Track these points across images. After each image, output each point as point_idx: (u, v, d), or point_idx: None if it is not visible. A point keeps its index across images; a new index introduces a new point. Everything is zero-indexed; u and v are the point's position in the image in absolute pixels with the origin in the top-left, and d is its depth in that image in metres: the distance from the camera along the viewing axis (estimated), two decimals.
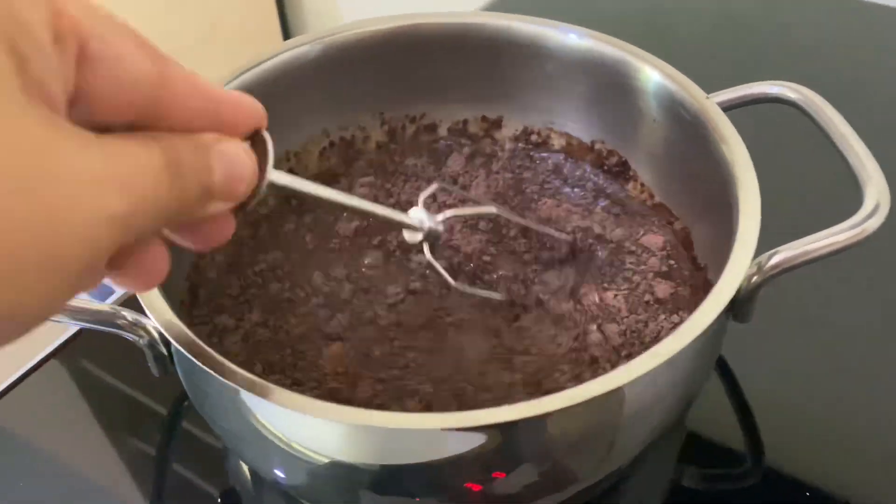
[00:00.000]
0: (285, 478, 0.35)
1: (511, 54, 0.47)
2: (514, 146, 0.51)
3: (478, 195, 0.48)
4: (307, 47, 0.46)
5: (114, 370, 0.48)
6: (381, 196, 0.49)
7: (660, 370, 0.29)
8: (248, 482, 0.43)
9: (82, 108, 0.20)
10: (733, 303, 0.32)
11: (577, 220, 0.46)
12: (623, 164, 0.48)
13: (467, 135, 0.52)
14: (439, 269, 0.37)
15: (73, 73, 0.20)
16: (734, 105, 0.41)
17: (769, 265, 0.34)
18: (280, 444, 0.32)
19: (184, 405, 0.46)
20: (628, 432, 0.33)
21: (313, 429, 0.32)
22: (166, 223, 0.23)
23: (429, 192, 0.39)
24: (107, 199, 0.19)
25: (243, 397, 0.32)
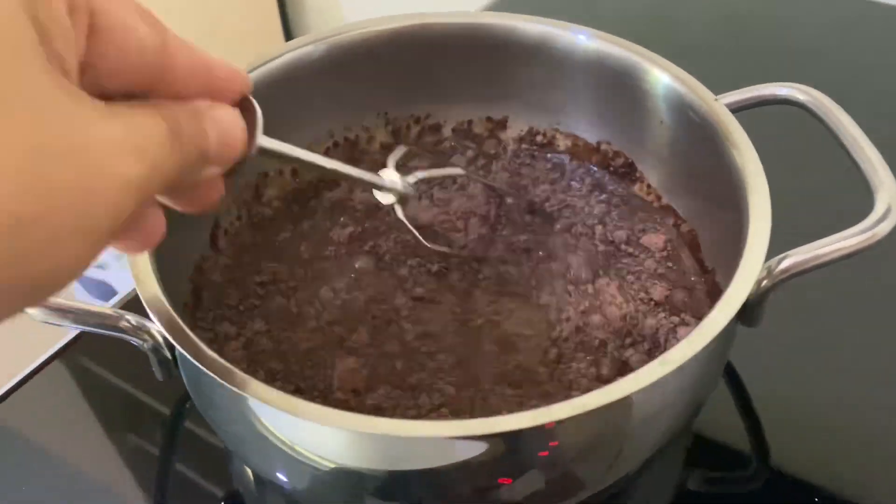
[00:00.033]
0: (289, 482, 0.35)
1: (518, 55, 0.47)
2: (517, 147, 0.51)
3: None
4: (311, 47, 0.45)
5: (116, 371, 0.48)
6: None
7: (669, 378, 0.29)
8: (251, 485, 0.43)
9: (89, 77, 0.21)
10: (743, 308, 0.32)
11: (573, 209, 0.47)
12: (629, 165, 0.48)
13: (472, 135, 0.51)
14: (411, 229, 0.38)
15: (84, 43, 0.20)
16: (742, 107, 0.41)
17: (779, 269, 0.34)
18: (284, 449, 0.32)
19: (186, 406, 0.46)
20: (636, 440, 0.33)
21: (318, 435, 0.31)
22: (168, 187, 0.23)
23: (398, 154, 0.39)
24: (128, 165, 0.20)
25: (249, 403, 0.32)
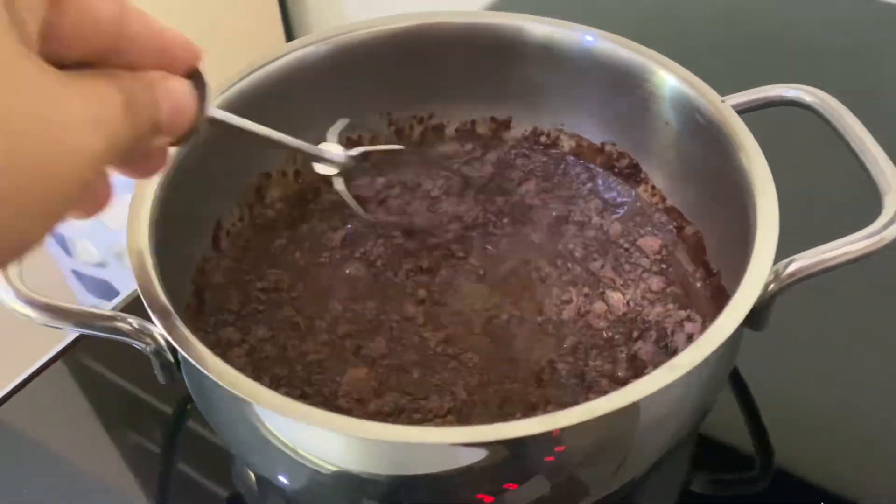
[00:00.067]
0: (291, 485, 0.34)
1: (522, 55, 0.46)
2: (516, 145, 0.51)
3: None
4: (314, 47, 0.45)
5: (118, 371, 0.48)
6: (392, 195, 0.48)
7: (676, 383, 0.28)
8: (253, 486, 0.42)
9: (47, 45, 0.21)
10: (750, 312, 0.32)
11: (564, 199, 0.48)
12: (634, 166, 0.47)
13: (475, 135, 0.51)
14: (351, 202, 0.38)
15: (45, 10, 0.21)
16: (749, 108, 0.41)
17: (786, 273, 0.34)
18: (287, 452, 0.32)
19: (188, 406, 0.46)
20: (642, 445, 0.33)
21: (322, 440, 0.31)
22: (121, 156, 0.24)
23: (339, 127, 0.39)
24: (90, 138, 0.20)
25: (253, 408, 0.31)
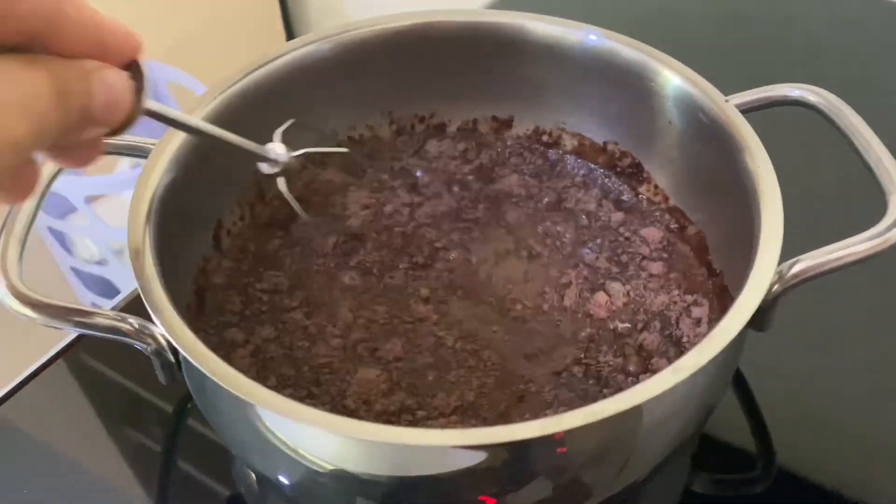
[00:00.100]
0: (292, 485, 0.34)
1: (524, 53, 0.46)
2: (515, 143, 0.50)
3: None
4: (315, 46, 0.45)
5: (119, 370, 0.48)
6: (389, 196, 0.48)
7: (680, 385, 0.28)
8: (253, 485, 0.42)
9: None
10: (754, 313, 0.31)
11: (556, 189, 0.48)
12: (637, 165, 0.47)
13: (476, 134, 0.51)
14: (293, 203, 0.38)
15: None
16: (753, 108, 0.41)
17: (790, 274, 0.33)
18: (288, 452, 0.32)
19: (189, 405, 0.46)
20: (646, 447, 0.33)
21: (322, 440, 0.31)
22: (49, 145, 0.23)
23: (284, 126, 0.38)
24: (11, 124, 0.20)
25: (253, 409, 0.31)
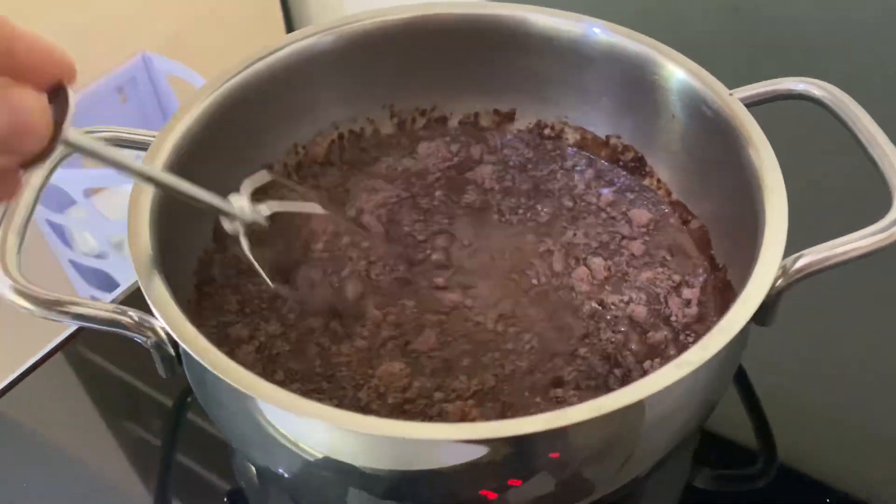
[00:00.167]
0: (292, 479, 0.34)
1: (527, 46, 0.46)
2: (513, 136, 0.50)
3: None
4: (316, 38, 0.45)
5: (118, 363, 0.48)
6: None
7: (683, 381, 0.28)
8: (253, 479, 0.42)
9: None
10: (758, 308, 0.31)
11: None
12: (639, 159, 0.47)
13: (478, 128, 0.51)
14: (258, 269, 0.32)
15: None
16: (757, 102, 0.40)
17: (794, 269, 0.33)
18: (289, 446, 0.32)
19: (189, 398, 0.46)
20: (648, 442, 0.33)
21: (323, 434, 0.31)
22: None
23: (257, 182, 0.33)
24: None
25: (255, 402, 0.31)
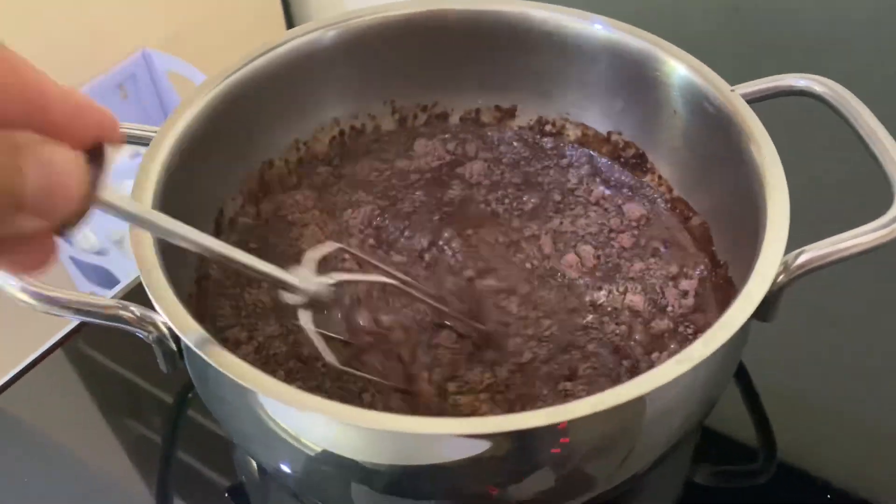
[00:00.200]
0: (294, 474, 0.34)
1: (528, 42, 0.46)
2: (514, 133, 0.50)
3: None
4: (317, 34, 0.45)
5: (118, 360, 0.48)
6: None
7: (684, 377, 0.28)
8: (254, 475, 0.42)
9: None
10: (759, 304, 0.31)
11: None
12: (640, 156, 0.47)
13: (480, 124, 0.51)
14: (318, 345, 0.31)
15: None
16: (759, 98, 0.40)
17: (796, 265, 0.33)
18: (290, 441, 0.32)
19: (189, 395, 0.46)
20: (649, 438, 0.33)
21: (324, 429, 0.31)
22: None
23: (324, 251, 0.32)
24: None
25: (256, 397, 0.31)
